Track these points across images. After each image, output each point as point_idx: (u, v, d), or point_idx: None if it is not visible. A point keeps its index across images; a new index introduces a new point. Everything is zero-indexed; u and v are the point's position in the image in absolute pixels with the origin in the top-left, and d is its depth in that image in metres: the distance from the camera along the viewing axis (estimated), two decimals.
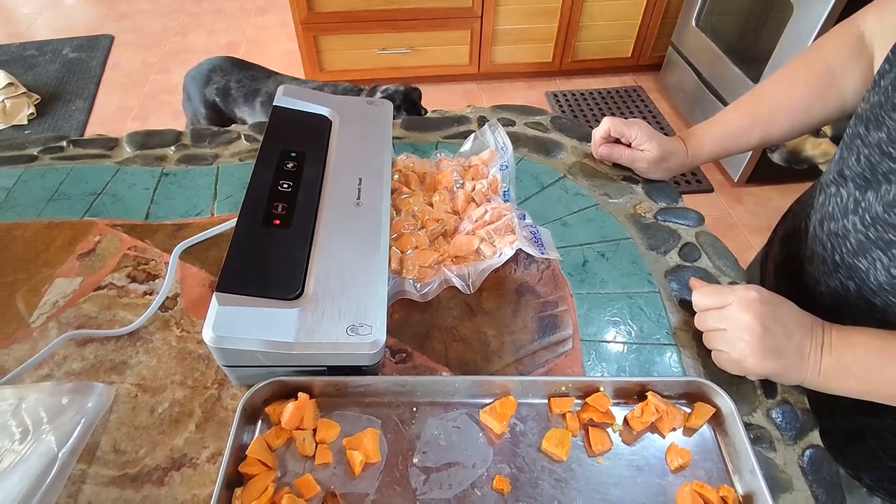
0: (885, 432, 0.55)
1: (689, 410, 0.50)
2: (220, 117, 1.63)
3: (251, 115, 1.60)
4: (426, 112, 1.68)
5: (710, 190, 2.05)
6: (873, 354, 0.45)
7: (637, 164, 0.72)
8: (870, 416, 0.55)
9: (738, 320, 0.48)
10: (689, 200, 0.71)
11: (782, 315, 0.47)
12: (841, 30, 0.60)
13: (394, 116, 0.74)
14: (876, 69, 0.54)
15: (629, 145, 0.72)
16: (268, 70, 1.66)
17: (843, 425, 0.52)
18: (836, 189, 0.54)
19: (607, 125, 0.72)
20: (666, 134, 0.71)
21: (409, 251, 0.60)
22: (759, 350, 0.47)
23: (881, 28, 0.55)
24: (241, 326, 0.46)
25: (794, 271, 0.63)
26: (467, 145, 0.74)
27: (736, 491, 0.46)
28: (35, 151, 0.78)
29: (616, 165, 0.77)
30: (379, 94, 1.55)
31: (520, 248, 0.59)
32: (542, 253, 0.60)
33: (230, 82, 1.60)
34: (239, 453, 0.45)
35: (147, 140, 0.80)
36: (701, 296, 0.53)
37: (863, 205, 0.50)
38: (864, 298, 0.51)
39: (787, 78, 0.63)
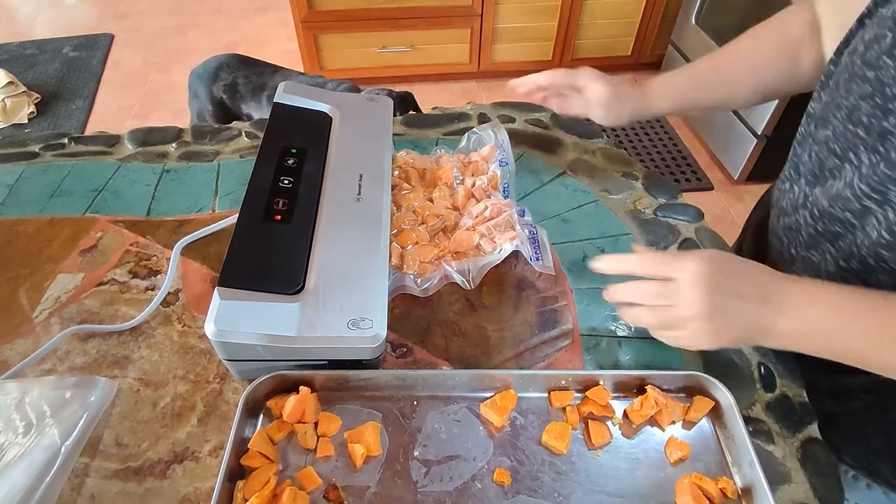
0: (855, 414, 0.56)
1: (688, 404, 0.51)
2: (227, 114, 1.64)
3: (258, 111, 1.61)
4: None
5: (711, 188, 2.04)
6: (835, 312, 0.43)
7: (592, 109, 0.67)
8: (841, 400, 0.56)
9: (686, 298, 0.43)
10: (689, 198, 0.71)
11: (736, 284, 0.43)
12: (801, 6, 0.60)
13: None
14: (825, 50, 0.55)
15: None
16: (274, 66, 1.67)
17: (818, 408, 0.52)
18: (789, 185, 0.56)
19: (549, 78, 0.68)
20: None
21: (410, 247, 0.60)
22: (711, 334, 0.44)
23: (824, 9, 0.56)
24: (242, 320, 0.47)
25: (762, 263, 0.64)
26: (463, 142, 0.74)
27: (735, 483, 0.46)
28: (37, 148, 0.79)
29: (610, 159, 0.77)
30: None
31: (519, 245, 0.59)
32: (538, 259, 0.60)
33: (237, 79, 1.61)
34: (241, 446, 0.46)
35: (148, 137, 0.80)
36: (643, 263, 0.46)
37: (811, 199, 0.52)
38: None
39: (756, 39, 0.63)
